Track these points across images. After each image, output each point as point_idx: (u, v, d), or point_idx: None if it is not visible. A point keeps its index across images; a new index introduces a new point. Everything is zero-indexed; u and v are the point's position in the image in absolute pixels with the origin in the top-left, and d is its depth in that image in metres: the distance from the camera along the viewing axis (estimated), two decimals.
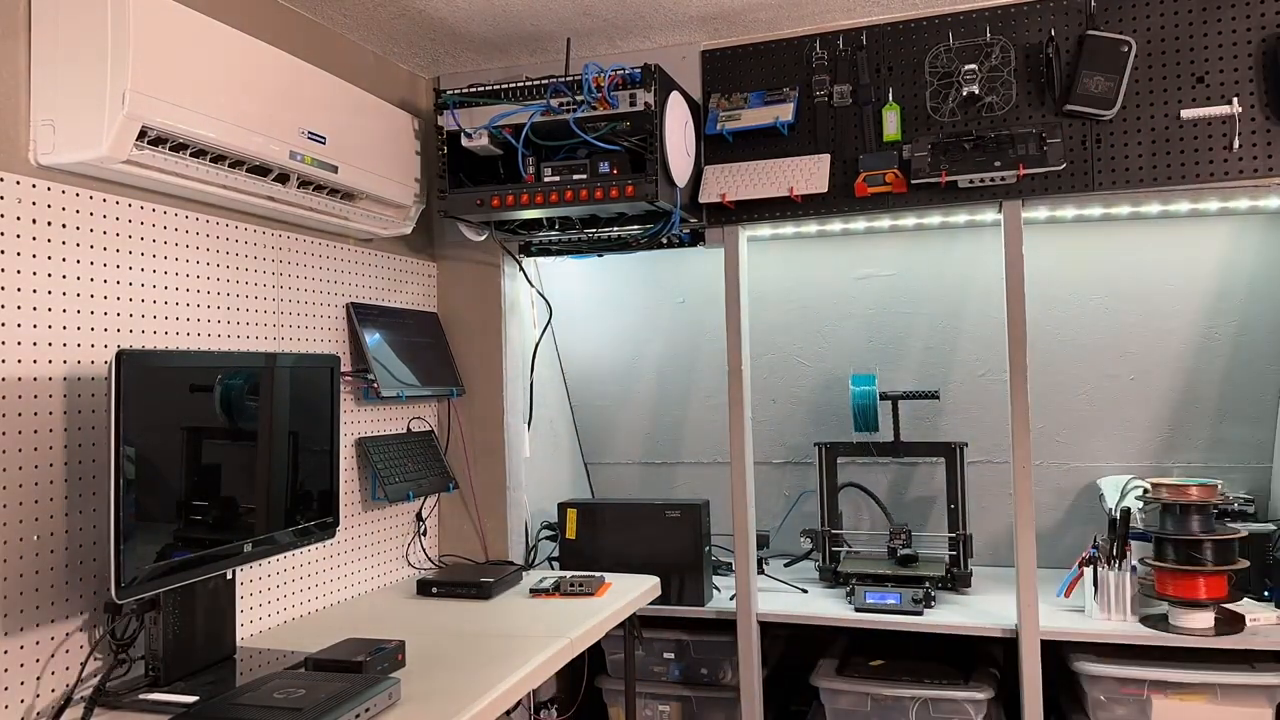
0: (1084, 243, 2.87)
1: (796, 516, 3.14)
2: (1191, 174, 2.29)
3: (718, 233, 2.64)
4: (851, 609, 2.54)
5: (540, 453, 3.08)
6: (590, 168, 2.39)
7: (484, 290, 2.90)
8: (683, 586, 2.70)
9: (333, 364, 2.17)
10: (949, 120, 2.45)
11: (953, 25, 2.45)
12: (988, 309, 2.98)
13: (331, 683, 1.64)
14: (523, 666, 1.84)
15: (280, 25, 2.31)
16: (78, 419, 1.75)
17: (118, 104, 1.66)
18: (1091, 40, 2.31)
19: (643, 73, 2.31)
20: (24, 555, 1.65)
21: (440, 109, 2.47)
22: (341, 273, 2.52)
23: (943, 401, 3.02)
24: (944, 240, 3.02)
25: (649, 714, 2.81)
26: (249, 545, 1.88)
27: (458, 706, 1.63)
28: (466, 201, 2.47)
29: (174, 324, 1.99)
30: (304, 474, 2.06)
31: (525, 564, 2.90)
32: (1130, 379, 2.87)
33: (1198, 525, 2.29)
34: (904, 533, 2.75)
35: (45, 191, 1.71)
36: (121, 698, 1.68)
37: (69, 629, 1.72)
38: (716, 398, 3.25)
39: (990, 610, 2.50)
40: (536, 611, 2.27)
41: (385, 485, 2.51)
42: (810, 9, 2.48)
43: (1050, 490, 2.94)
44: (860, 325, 3.12)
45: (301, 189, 2.16)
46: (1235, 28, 2.26)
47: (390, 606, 2.40)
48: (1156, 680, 2.28)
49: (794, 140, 2.57)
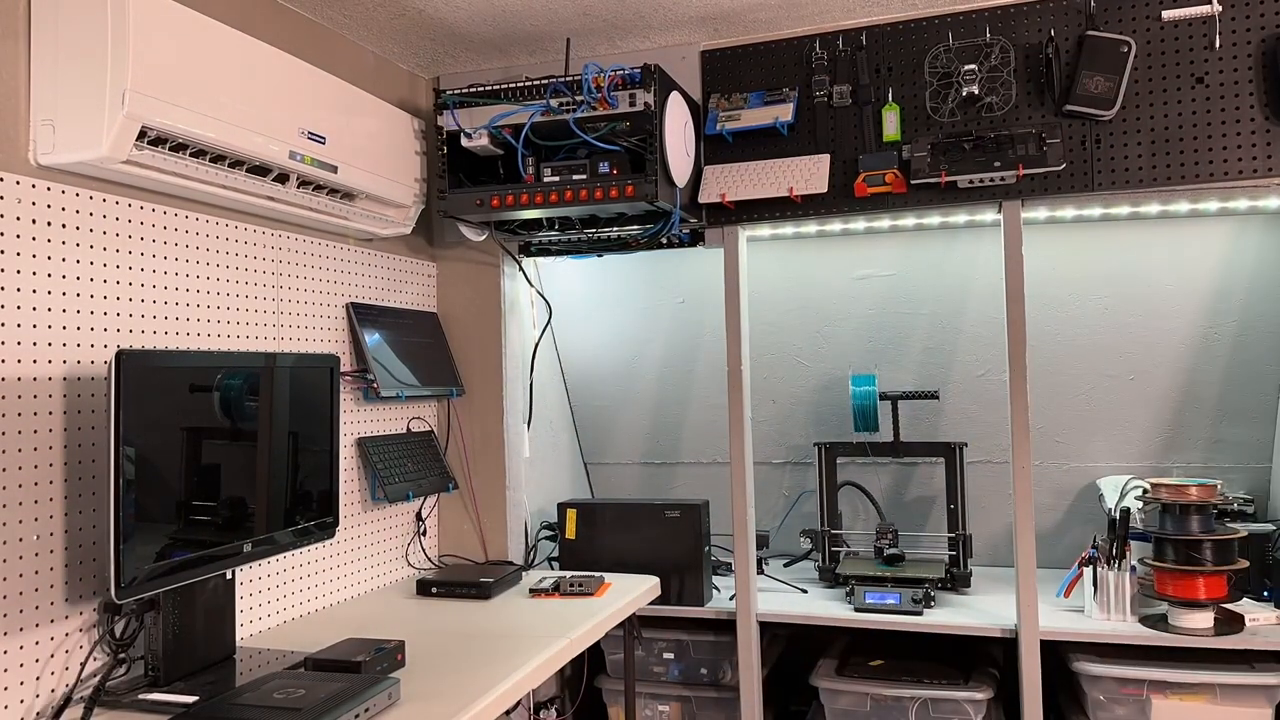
0: (1084, 243, 2.88)
1: (796, 517, 3.14)
2: (1191, 174, 2.29)
3: (717, 233, 2.64)
4: (851, 609, 2.54)
5: (540, 453, 3.08)
6: (590, 168, 2.39)
7: (484, 290, 2.90)
8: (682, 586, 2.70)
9: (332, 364, 2.17)
10: (949, 120, 2.45)
11: (952, 25, 2.45)
12: (987, 309, 2.98)
13: (331, 683, 1.64)
14: (522, 666, 1.84)
15: (280, 25, 2.31)
16: (77, 419, 1.75)
17: (117, 104, 1.66)
18: (1091, 40, 2.31)
19: (642, 73, 2.31)
20: (24, 555, 1.65)
21: (440, 109, 2.47)
22: (341, 273, 2.52)
23: (942, 401, 3.02)
24: (944, 240, 3.02)
25: (648, 714, 2.81)
26: (249, 545, 1.89)
27: (457, 706, 1.63)
28: (466, 201, 2.48)
29: (174, 324, 1.99)
30: (304, 474, 2.06)
31: (525, 564, 2.90)
32: (1130, 379, 2.87)
33: (1197, 525, 2.29)
34: (890, 532, 2.74)
35: (45, 191, 1.71)
36: (121, 698, 1.68)
37: (69, 629, 1.72)
38: (716, 398, 3.25)
39: (990, 610, 2.50)
40: (536, 611, 2.27)
41: (385, 485, 2.51)
42: (810, 9, 2.48)
43: (1050, 490, 2.94)
44: (860, 325, 3.12)
45: (301, 189, 2.16)
46: (1235, 28, 2.26)
47: (390, 606, 2.40)
48: (1156, 680, 2.28)
49: (794, 140, 2.57)
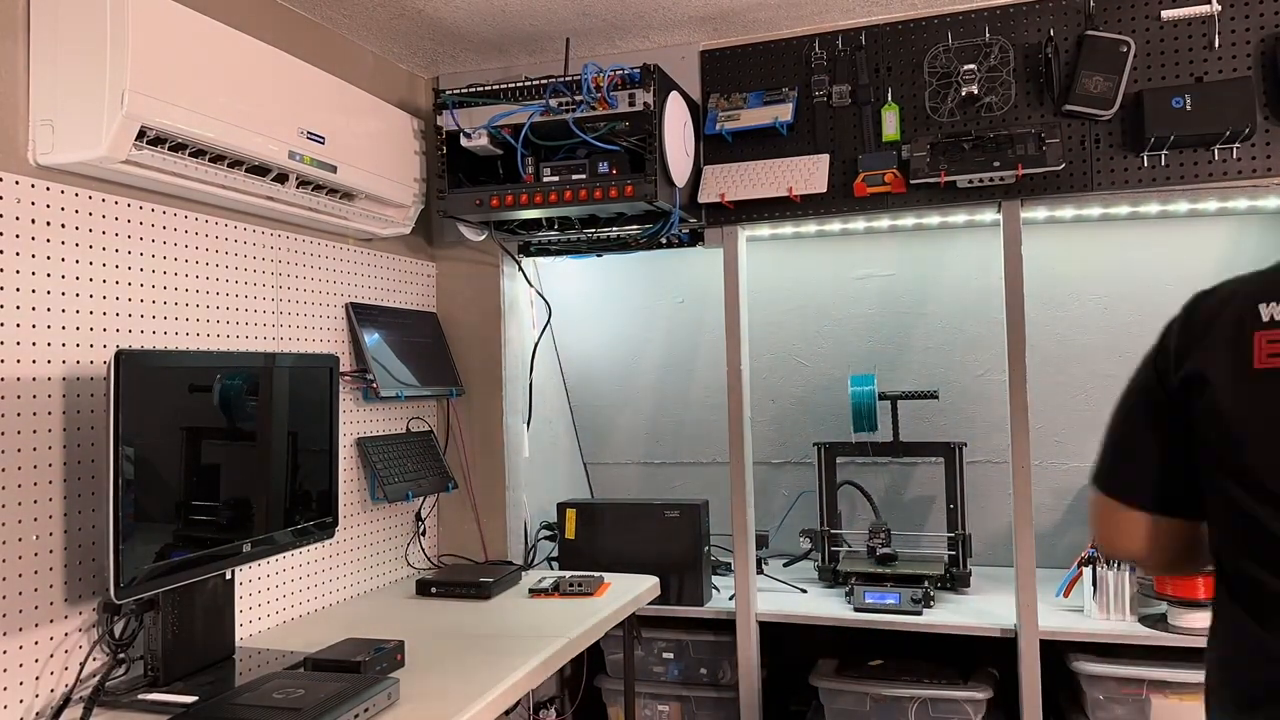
0: (1083, 243, 2.87)
1: (795, 516, 3.14)
2: (1190, 174, 2.29)
3: (717, 233, 2.64)
4: (850, 609, 2.54)
5: (539, 453, 3.07)
6: (589, 168, 2.39)
7: (483, 290, 2.90)
8: (682, 586, 2.70)
9: (332, 364, 2.17)
10: (948, 120, 2.45)
11: (951, 25, 2.45)
12: (987, 309, 2.98)
13: (331, 683, 1.64)
14: (522, 666, 1.84)
15: (280, 25, 2.31)
16: (77, 419, 1.75)
17: (116, 104, 1.66)
18: (1090, 40, 2.31)
19: (642, 73, 2.31)
20: (23, 555, 1.65)
21: (439, 109, 2.47)
22: (341, 272, 2.52)
23: (942, 401, 3.02)
24: (943, 240, 3.02)
25: (648, 714, 2.81)
26: (248, 545, 1.88)
27: (457, 706, 1.63)
28: (466, 201, 2.47)
29: (173, 324, 1.99)
30: (303, 474, 2.06)
31: (525, 564, 2.90)
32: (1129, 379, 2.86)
33: None
34: (883, 531, 2.74)
35: (44, 191, 1.71)
36: (120, 698, 1.68)
37: (68, 629, 1.72)
38: (716, 398, 3.25)
39: (989, 610, 2.50)
40: (536, 611, 2.27)
41: (384, 485, 2.51)
42: (809, 9, 2.48)
43: (1049, 490, 2.94)
44: (859, 325, 3.12)
45: (300, 189, 2.16)
46: (1235, 28, 2.26)
47: (389, 606, 2.40)
48: (1155, 680, 2.28)
49: (793, 140, 2.57)
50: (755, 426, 3.19)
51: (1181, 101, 2.21)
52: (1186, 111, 2.21)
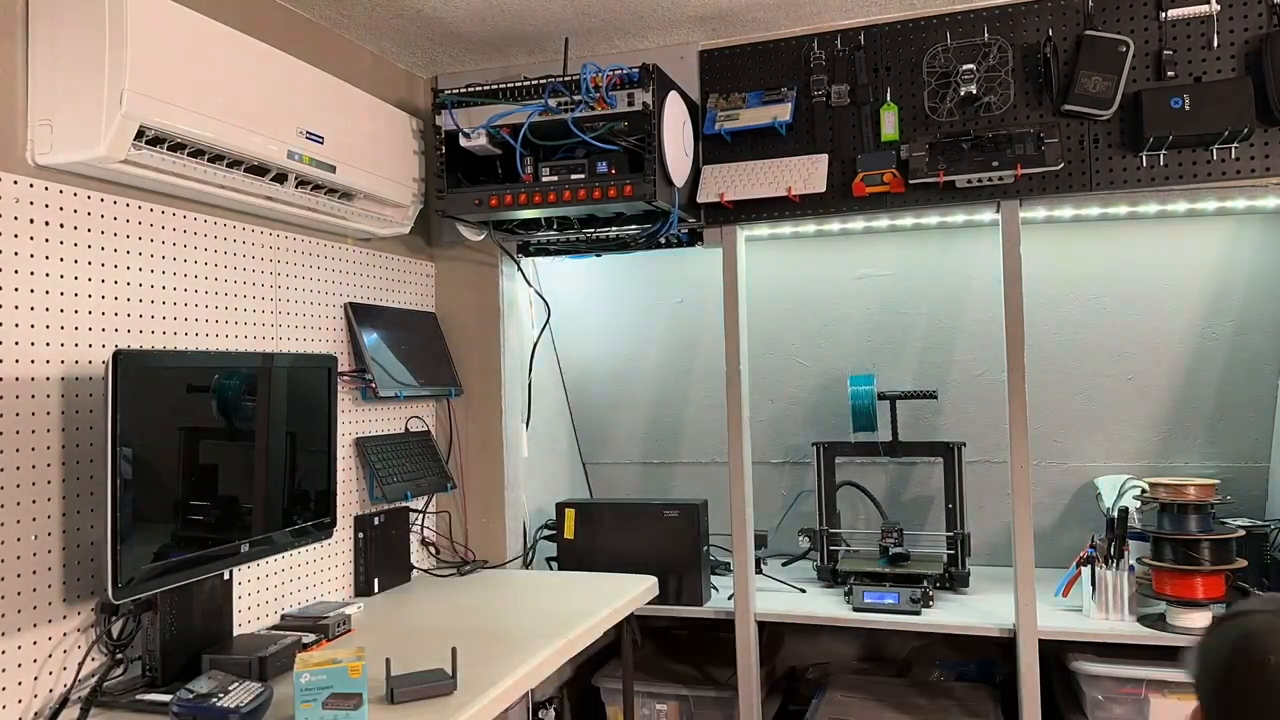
0: (1082, 243, 2.87)
1: (795, 516, 3.14)
2: (1189, 174, 2.29)
3: (716, 233, 2.63)
4: (850, 608, 2.54)
5: (538, 452, 3.07)
6: (588, 168, 2.39)
7: (482, 290, 2.90)
8: (681, 586, 2.70)
9: (330, 364, 2.17)
10: (947, 120, 2.45)
11: (950, 25, 2.45)
12: (986, 309, 2.98)
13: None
14: (520, 666, 1.84)
15: (279, 25, 2.31)
16: (75, 419, 1.75)
17: (115, 104, 1.66)
18: (1089, 40, 2.31)
19: (641, 73, 2.31)
20: (21, 555, 1.64)
21: (438, 109, 2.47)
22: (339, 272, 2.51)
23: (941, 401, 3.02)
24: (942, 240, 3.02)
25: (647, 714, 2.81)
26: (246, 545, 1.88)
27: (456, 706, 1.63)
28: (465, 201, 2.47)
29: (171, 324, 1.98)
30: (301, 474, 2.06)
31: (524, 564, 2.90)
32: (1128, 379, 2.87)
33: (1195, 525, 2.29)
34: (895, 531, 2.74)
35: (43, 191, 1.71)
36: (118, 698, 1.68)
37: (66, 629, 1.72)
38: (715, 398, 3.25)
39: (988, 610, 2.50)
40: (536, 611, 2.27)
41: (383, 485, 2.51)
42: (808, 9, 2.48)
43: (1048, 490, 2.94)
44: (859, 325, 3.12)
45: (299, 189, 2.16)
46: (1234, 28, 2.26)
47: (389, 606, 2.40)
48: (1154, 680, 2.28)
49: (792, 140, 2.57)
50: (754, 426, 3.19)
51: (1180, 101, 2.21)
52: (1185, 111, 2.21)
